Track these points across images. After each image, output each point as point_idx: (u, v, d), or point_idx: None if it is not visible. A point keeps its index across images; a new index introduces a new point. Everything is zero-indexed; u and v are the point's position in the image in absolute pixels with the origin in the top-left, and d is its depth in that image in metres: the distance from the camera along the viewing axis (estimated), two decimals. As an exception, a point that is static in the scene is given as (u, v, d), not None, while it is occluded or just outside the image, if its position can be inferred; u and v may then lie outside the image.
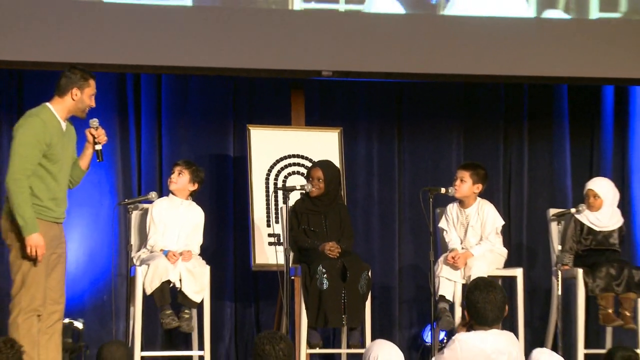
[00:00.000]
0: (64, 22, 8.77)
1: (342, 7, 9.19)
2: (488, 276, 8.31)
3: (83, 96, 7.32)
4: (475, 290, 6.06)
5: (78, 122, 7.34)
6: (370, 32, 9.24)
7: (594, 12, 9.36)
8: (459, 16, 9.34)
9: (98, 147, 7.41)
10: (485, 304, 5.99)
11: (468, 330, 6.09)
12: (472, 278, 8.20)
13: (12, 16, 8.71)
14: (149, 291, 7.97)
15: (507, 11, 9.41)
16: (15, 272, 7.30)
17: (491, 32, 9.39)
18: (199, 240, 8.29)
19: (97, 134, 7.42)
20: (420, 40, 9.28)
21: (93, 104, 7.39)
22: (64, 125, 7.34)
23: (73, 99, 7.30)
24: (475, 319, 6.02)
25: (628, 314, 8.38)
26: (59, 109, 7.30)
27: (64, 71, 7.33)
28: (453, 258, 8.38)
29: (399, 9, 9.22)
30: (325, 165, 8.51)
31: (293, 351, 5.85)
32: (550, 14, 9.46)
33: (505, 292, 6.18)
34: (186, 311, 8.03)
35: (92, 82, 7.37)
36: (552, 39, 9.45)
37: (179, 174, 8.29)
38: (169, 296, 8.03)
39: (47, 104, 7.31)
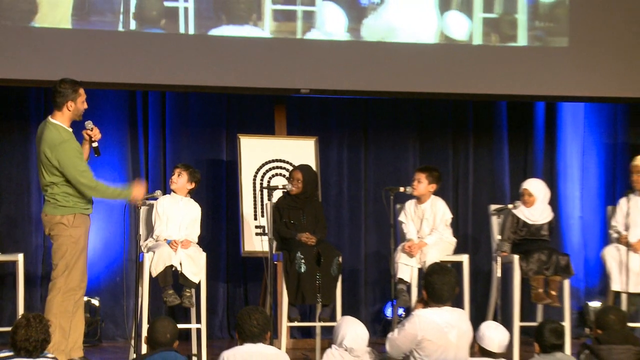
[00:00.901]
0: (85, 48, 8.77)
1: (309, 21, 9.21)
2: (440, 261, 8.40)
3: (77, 105, 7.39)
4: (433, 273, 6.10)
5: (75, 124, 7.47)
6: (341, 56, 9.24)
7: (478, 12, 9.32)
8: (415, 43, 9.35)
9: (95, 144, 7.50)
10: (442, 285, 6.04)
11: (424, 307, 6.13)
12: (426, 263, 8.26)
13: (43, 43, 8.71)
14: (154, 274, 7.96)
15: (454, 38, 9.46)
16: (59, 258, 7.36)
17: (442, 56, 9.41)
18: (197, 230, 8.26)
19: (92, 133, 7.50)
20: (382, 63, 9.28)
21: (86, 106, 7.46)
22: (70, 130, 7.41)
23: (69, 110, 7.37)
24: (432, 298, 6.06)
25: (554, 293, 8.39)
26: (62, 120, 7.37)
27: (55, 87, 7.37)
28: (409, 247, 8.43)
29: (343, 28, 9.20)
30: (304, 168, 8.51)
31: (269, 322, 5.89)
32: (490, 40, 9.52)
33: (457, 275, 6.25)
34: (187, 290, 8.05)
35: (81, 91, 7.44)
36: (493, 62, 9.47)
37: (179, 175, 8.28)
38: (171, 278, 8.01)
39: (52, 120, 7.33)
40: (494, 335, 6.12)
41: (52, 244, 7.47)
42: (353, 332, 6.19)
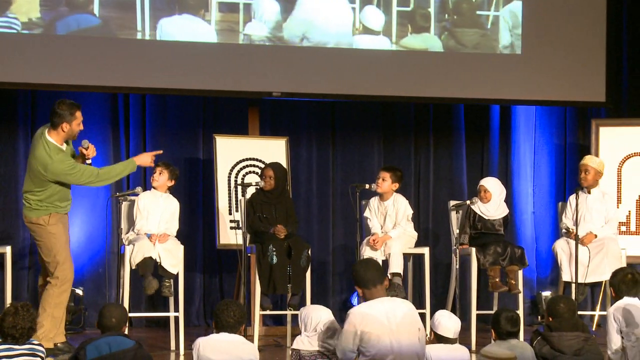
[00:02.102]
0: (71, 53, 8.72)
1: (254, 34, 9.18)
2: (403, 254, 8.41)
3: (72, 127, 7.39)
4: (356, 265, 6.01)
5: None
6: (310, 62, 9.24)
7: (394, 6, 9.37)
8: (380, 50, 9.36)
9: (88, 161, 7.50)
10: (365, 270, 5.89)
11: (363, 301, 5.98)
12: (390, 255, 8.29)
13: (29, 48, 8.65)
14: (133, 265, 7.96)
15: (416, 45, 9.46)
16: (48, 255, 7.40)
17: (405, 62, 9.42)
18: (175, 224, 8.26)
19: (87, 153, 7.50)
20: (349, 68, 9.28)
21: (81, 128, 7.47)
22: (63, 147, 7.38)
23: (64, 131, 7.38)
24: (362, 285, 5.90)
25: (513, 282, 8.40)
26: (56, 138, 7.39)
27: (53, 107, 7.37)
28: (373, 241, 8.41)
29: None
30: (275, 166, 8.50)
31: (244, 315, 5.87)
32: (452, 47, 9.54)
33: (378, 264, 6.13)
34: (167, 281, 8.02)
35: (78, 114, 7.43)
36: (451, 68, 9.48)
37: (160, 173, 8.27)
38: (151, 267, 8.00)
39: (47, 135, 7.32)
40: (448, 322, 6.14)
41: (36, 244, 7.50)
42: (317, 314, 6.18)
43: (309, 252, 8.27)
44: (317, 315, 6.15)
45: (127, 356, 5.47)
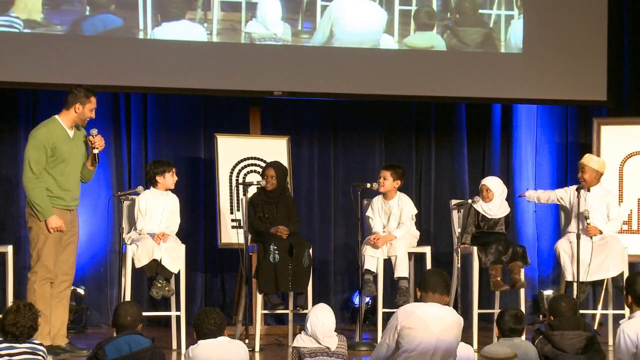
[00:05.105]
0: (72, 52, 8.73)
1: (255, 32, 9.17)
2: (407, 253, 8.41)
3: (84, 110, 7.35)
4: (427, 271, 5.95)
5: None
6: (312, 61, 9.25)
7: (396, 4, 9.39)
8: (381, 49, 9.36)
9: (95, 151, 7.49)
10: (432, 275, 5.84)
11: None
12: (397, 258, 8.29)
13: (30, 48, 8.66)
14: (138, 265, 7.94)
15: (418, 44, 9.47)
16: (32, 247, 7.38)
17: (406, 61, 9.43)
18: (177, 221, 8.25)
19: (94, 140, 7.47)
20: (350, 67, 9.28)
21: (93, 116, 7.43)
22: (70, 132, 7.34)
23: (76, 112, 7.34)
24: (421, 288, 5.85)
25: (517, 276, 8.36)
26: (65, 119, 7.33)
27: (71, 88, 7.36)
28: (375, 239, 8.39)
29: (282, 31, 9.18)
30: (275, 165, 8.49)
31: (224, 321, 5.85)
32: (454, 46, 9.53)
33: (447, 276, 6.05)
34: (160, 281, 7.97)
35: (92, 99, 7.40)
36: (453, 67, 9.49)
37: (172, 174, 8.27)
38: (156, 269, 8.01)
39: (56, 116, 7.34)
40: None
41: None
42: (314, 317, 6.18)
43: (311, 251, 8.25)
44: (312, 316, 6.16)
45: (145, 356, 5.46)
